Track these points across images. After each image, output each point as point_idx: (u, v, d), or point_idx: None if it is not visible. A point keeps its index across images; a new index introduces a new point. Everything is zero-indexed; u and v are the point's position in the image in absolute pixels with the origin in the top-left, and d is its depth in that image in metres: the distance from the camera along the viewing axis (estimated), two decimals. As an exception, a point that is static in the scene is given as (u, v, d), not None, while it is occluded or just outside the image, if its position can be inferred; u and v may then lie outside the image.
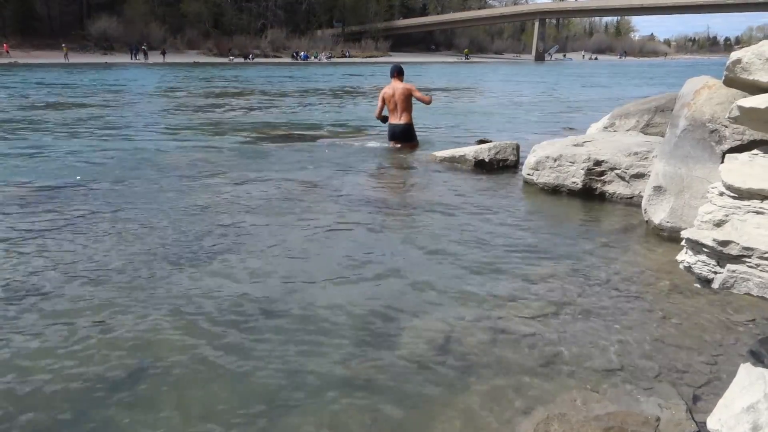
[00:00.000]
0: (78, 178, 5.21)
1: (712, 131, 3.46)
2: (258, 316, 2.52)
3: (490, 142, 6.35)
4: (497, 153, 5.81)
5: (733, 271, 2.74)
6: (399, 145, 6.98)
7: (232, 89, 18.49)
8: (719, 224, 2.96)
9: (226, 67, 39.68)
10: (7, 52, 41.37)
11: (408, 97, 6.86)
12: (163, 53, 47.39)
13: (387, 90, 6.96)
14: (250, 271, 3.03)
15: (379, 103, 7.04)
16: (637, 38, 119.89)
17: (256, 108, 12.52)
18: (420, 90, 7.09)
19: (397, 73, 7.02)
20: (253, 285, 2.85)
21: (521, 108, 12.94)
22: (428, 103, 7.18)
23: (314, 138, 8.03)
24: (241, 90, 18.22)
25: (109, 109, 11.86)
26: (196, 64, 42.88)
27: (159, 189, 4.80)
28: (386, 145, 7.11)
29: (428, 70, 36.52)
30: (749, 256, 2.70)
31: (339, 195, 4.67)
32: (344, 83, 22.55)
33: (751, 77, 3.06)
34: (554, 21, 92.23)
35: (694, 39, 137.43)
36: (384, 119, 7.16)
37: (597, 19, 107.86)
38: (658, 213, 3.61)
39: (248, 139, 7.91)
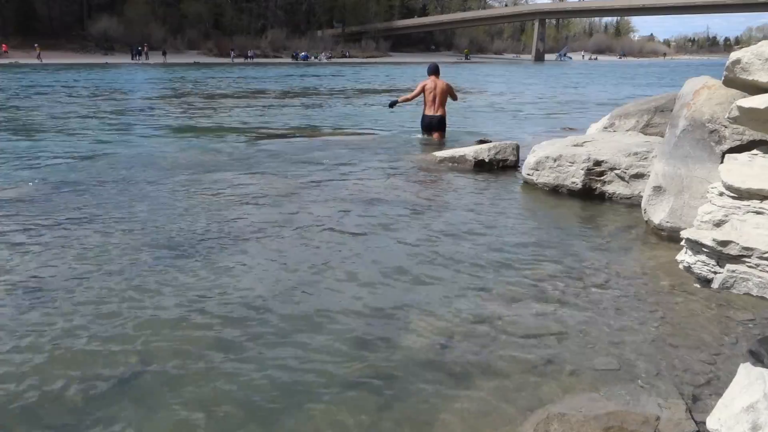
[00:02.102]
0: (75, 178, 5.21)
1: (712, 131, 3.46)
2: (258, 316, 2.53)
3: (490, 142, 6.35)
4: (497, 153, 5.81)
5: (733, 271, 2.75)
6: (434, 135, 7.70)
7: (231, 89, 18.49)
8: (719, 224, 2.97)
9: (226, 67, 39.65)
10: (6, 52, 41.35)
11: (447, 92, 7.66)
12: (164, 54, 47.29)
13: (429, 84, 7.65)
14: (250, 270, 3.03)
15: (417, 90, 7.74)
16: (636, 38, 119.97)
17: (255, 108, 12.52)
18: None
19: (437, 70, 7.82)
20: (254, 284, 2.85)
21: (521, 108, 12.95)
22: (455, 99, 8.14)
23: (313, 137, 8.04)
24: (240, 90, 18.22)
25: (107, 110, 11.87)
26: (196, 65, 42.88)
27: (158, 189, 4.80)
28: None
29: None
30: (749, 256, 2.71)
31: (339, 194, 4.67)
32: (344, 83, 22.56)
33: (750, 77, 3.06)
34: (554, 21, 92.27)
35: (694, 39, 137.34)
36: (393, 105, 8.24)
37: (597, 19, 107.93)
38: (658, 213, 3.61)
39: (247, 138, 7.92)
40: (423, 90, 7.66)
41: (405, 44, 72.55)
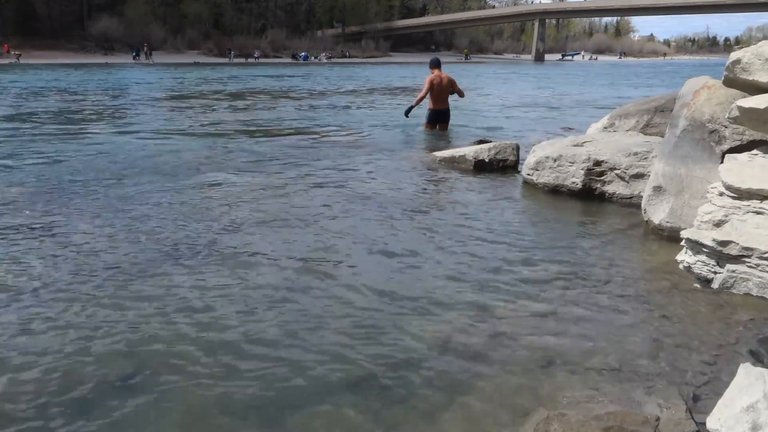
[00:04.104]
0: (75, 178, 5.21)
1: (712, 131, 3.46)
2: (258, 315, 2.53)
3: (490, 142, 6.35)
4: (497, 153, 5.81)
5: (733, 271, 2.75)
6: (441, 126, 8.23)
7: (228, 90, 18.49)
8: (719, 224, 2.97)
9: (224, 67, 39.61)
10: (8, 52, 41.39)
11: (450, 86, 8.12)
12: (150, 54, 45.70)
13: (435, 78, 8.02)
14: (249, 270, 3.03)
15: (426, 87, 8.01)
16: (636, 38, 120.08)
17: (254, 108, 12.52)
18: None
19: (440, 64, 8.32)
20: (252, 284, 2.85)
21: (521, 108, 12.94)
22: (463, 96, 8.63)
23: (311, 138, 8.03)
24: (237, 90, 18.22)
25: (104, 111, 11.87)
26: (196, 64, 42.85)
27: (152, 190, 4.80)
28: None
29: (429, 70, 36.49)
30: (749, 256, 2.71)
31: (338, 194, 4.67)
32: (344, 84, 22.55)
33: (750, 77, 3.07)
34: (554, 21, 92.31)
35: (694, 39, 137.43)
36: (408, 111, 8.51)
37: (597, 19, 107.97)
38: (658, 213, 3.61)
39: (245, 138, 7.91)
40: (431, 85, 7.97)
41: (405, 44, 72.60)
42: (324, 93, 17.49)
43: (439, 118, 8.24)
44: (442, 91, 8.08)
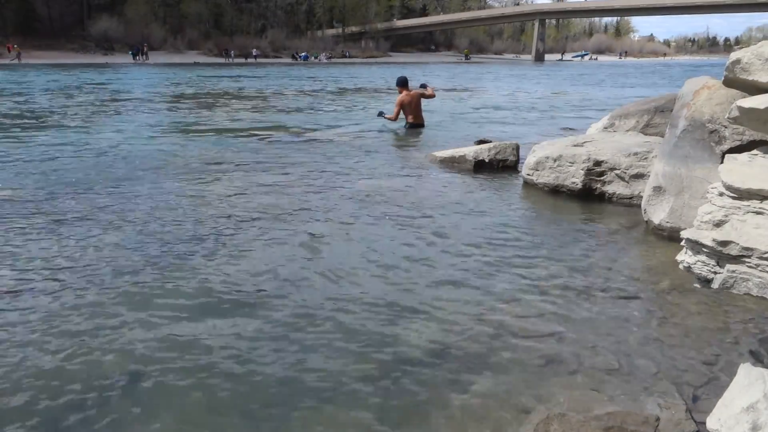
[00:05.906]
0: (74, 178, 5.21)
1: (712, 131, 3.46)
2: (257, 316, 2.53)
3: (490, 142, 6.35)
4: (497, 153, 5.81)
5: (733, 271, 2.76)
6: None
7: (225, 90, 18.48)
8: (719, 224, 2.97)
9: (222, 68, 39.59)
10: (9, 51, 41.42)
11: (420, 99, 8.69)
12: (146, 54, 45.17)
13: (405, 98, 8.51)
14: (248, 270, 3.03)
15: (397, 109, 8.54)
16: (636, 39, 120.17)
17: (253, 109, 12.52)
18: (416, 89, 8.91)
19: (406, 83, 8.64)
20: (252, 284, 2.86)
21: (521, 108, 12.94)
22: (434, 96, 9.11)
23: (310, 138, 8.03)
24: (235, 91, 18.21)
25: (99, 111, 11.86)
26: (196, 65, 42.81)
27: (149, 190, 4.80)
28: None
29: (428, 70, 36.53)
30: (749, 256, 2.71)
31: (336, 194, 4.67)
32: (343, 84, 22.55)
33: (750, 77, 3.07)
34: (554, 21, 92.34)
35: (694, 39, 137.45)
36: (380, 114, 9.03)
37: (597, 19, 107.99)
38: (658, 213, 3.61)
39: (242, 138, 7.91)
40: (402, 106, 8.46)
41: (405, 44, 72.63)
42: (323, 93, 17.49)
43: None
44: (416, 107, 8.60)
